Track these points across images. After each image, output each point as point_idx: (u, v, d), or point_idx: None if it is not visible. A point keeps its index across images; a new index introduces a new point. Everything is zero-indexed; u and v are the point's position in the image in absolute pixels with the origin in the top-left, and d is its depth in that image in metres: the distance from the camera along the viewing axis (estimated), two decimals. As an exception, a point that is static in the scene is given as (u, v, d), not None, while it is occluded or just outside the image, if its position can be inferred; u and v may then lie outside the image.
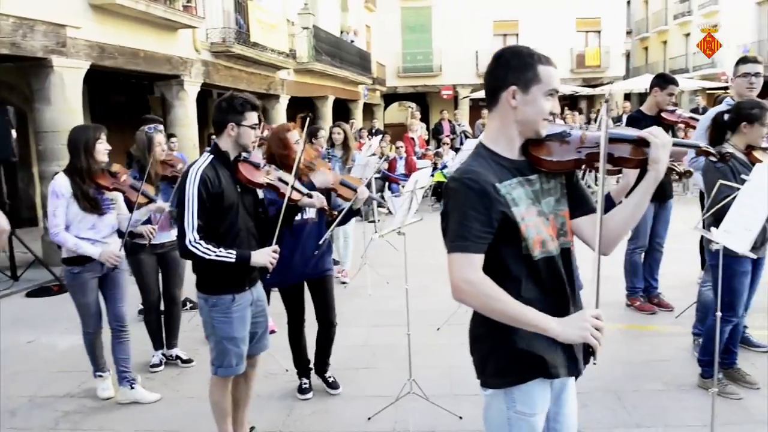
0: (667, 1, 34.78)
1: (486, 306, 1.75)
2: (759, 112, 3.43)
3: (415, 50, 28.61)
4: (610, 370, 4.11)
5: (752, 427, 3.36)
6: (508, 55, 1.81)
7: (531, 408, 1.85)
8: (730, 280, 3.49)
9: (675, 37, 34.18)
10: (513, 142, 1.84)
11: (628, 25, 37.01)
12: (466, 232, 1.72)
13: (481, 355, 1.90)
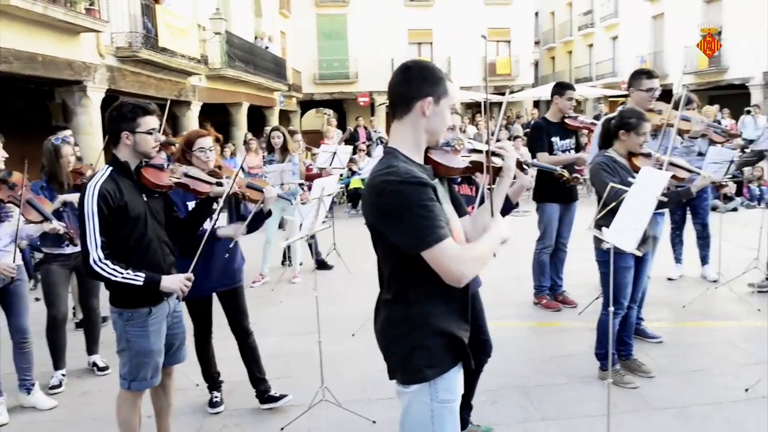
0: (571, 13, 36.55)
1: (484, 262, 1.89)
2: (636, 121, 3.67)
3: (331, 57, 28.63)
4: (518, 366, 4.28)
5: (648, 414, 3.57)
6: (421, 69, 1.94)
7: (453, 394, 1.96)
8: (615, 276, 3.72)
9: (579, 48, 35.95)
10: (420, 149, 1.98)
11: (536, 36, 38.58)
12: (434, 221, 1.78)
13: (404, 350, 1.93)
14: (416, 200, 1.77)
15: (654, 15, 28.61)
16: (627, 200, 2.69)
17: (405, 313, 1.92)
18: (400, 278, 1.93)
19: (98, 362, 4.61)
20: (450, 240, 1.80)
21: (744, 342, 4.56)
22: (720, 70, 23.91)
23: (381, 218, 1.85)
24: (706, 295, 5.56)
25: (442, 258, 1.78)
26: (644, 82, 4.52)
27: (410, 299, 1.92)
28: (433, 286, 1.87)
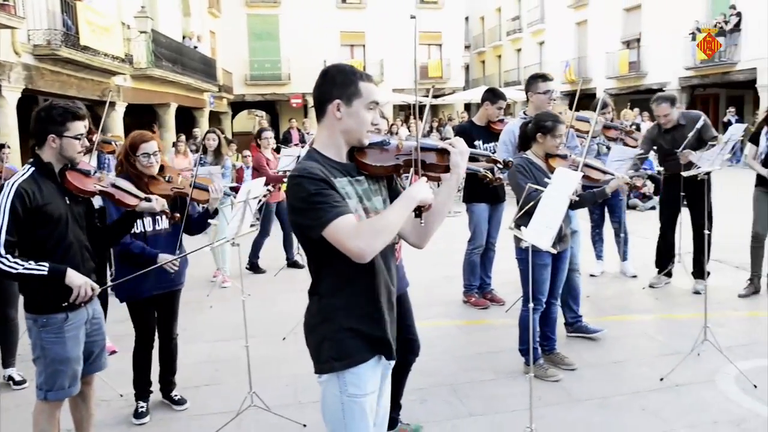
0: (500, 18, 37.48)
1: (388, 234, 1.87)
2: (552, 124, 3.82)
3: (262, 58, 28.28)
4: (446, 364, 4.35)
5: (570, 405, 3.70)
6: (334, 72, 2.00)
7: (362, 389, 2.00)
8: (533, 273, 3.85)
9: (508, 52, 36.91)
10: (341, 149, 2.04)
11: (466, 40, 39.34)
12: (331, 201, 1.86)
13: (316, 341, 2.02)
14: (310, 190, 1.85)
15: (578, 22, 29.72)
16: (543, 200, 2.79)
17: (317, 306, 2.02)
18: (315, 271, 2.02)
19: (14, 376, 4.38)
20: (347, 217, 1.84)
21: (659, 334, 4.80)
22: (639, 75, 25.07)
23: (292, 212, 1.94)
24: (624, 290, 5.83)
25: (338, 234, 1.83)
26: (540, 85, 4.71)
27: (321, 292, 2.02)
28: (339, 281, 1.97)
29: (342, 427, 2.00)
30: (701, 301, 4.34)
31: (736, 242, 6.02)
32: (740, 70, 20.25)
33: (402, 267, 3.09)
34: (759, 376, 3.97)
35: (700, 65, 21.68)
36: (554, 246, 3.87)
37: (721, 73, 21.12)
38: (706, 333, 4.19)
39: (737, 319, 5.14)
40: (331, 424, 2.05)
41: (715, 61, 21.01)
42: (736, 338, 4.63)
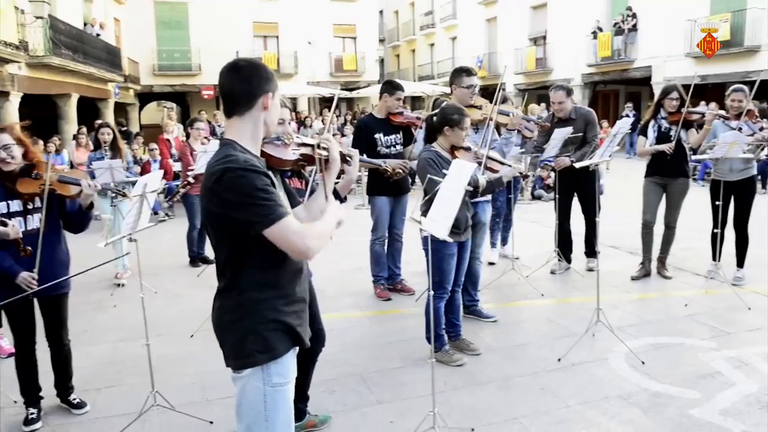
0: (414, 13, 37.93)
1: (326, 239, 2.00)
2: (458, 117, 3.93)
3: (171, 47, 27.28)
4: (356, 355, 4.39)
5: (474, 389, 3.83)
6: (255, 66, 2.05)
7: (286, 378, 2.06)
8: (440, 262, 3.98)
9: (422, 47, 37.44)
10: (257, 142, 2.09)
11: (381, 34, 39.58)
12: (276, 199, 1.90)
13: (238, 336, 2.02)
14: (257, 185, 1.87)
15: (488, 18, 30.55)
16: (441, 191, 2.87)
17: (238, 300, 2.01)
18: (235, 266, 2.00)
19: None
20: (292, 217, 1.93)
21: (558, 317, 5.05)
22: (546, 71, 26.10)
23: (222, 204, 1.90)
24: (529, 278, 6.08)
25: (287, 233, 1.88)
26: (464, 79, 4.83)
27: (243, 286, 2.01)
28: (265, 274, 2.00)
29: (262, 418, 2.02)
30: (595, 285, 4.60)
31: (630, 229, 6.41)
32: (637, 67, 21.52)
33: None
34: (647, 353, 4.27)
35: (600, 63, 22.86)
36: (460, 235, 4.03)
37: (620, 71, 22.36)
38: (599, 315, 4.45)
39: (629, 300, 5.49)
40: (247, 419, 2.04)
41: (614, 59, 22.22)
42: (628, 319, 4.95)
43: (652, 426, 3.33)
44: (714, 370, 4.00)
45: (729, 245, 5.92)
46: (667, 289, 5.76)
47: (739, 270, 5.85)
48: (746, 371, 3.97)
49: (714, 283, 5.66)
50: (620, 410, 3.51)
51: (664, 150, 5.59)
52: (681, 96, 5.71)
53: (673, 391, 3.72)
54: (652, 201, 5.94)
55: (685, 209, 5.97)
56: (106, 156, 6.44)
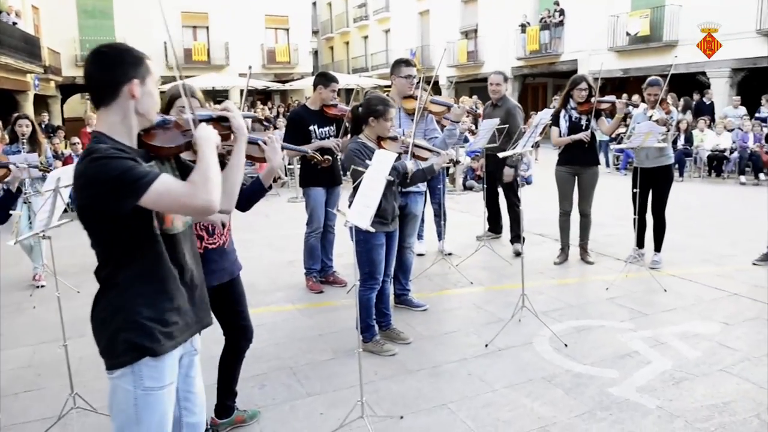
0: (347, 5, 37.78)
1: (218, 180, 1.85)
2: (383, 108, 3.95)
3: (94, 38, 26.05)
4: (287, 348, 4.36)
5: (404, 377, 3.87)
6: (119, 52, 1.91)
7: (160, 381, 1.93)
8: (369, 253, 4.00)
9: (356, 39, 37.36)
10: (132, 133, 1.94)
11: (314, 25, 39.25)
12: (141, 170, 1.76)
13: (109, 335, 1.91)
14: (121, 167, 1.74)
15: (420, 11, 30.79)
16: (364, 181, 2.88)
17: (109, 298, 1.92)
18: (108, 262, 1.92)
19: None
20: (168, 176, 1.81)
21: (486, 304, 5.17)
22: (477, 64, 26.55)
23: (90, 196, 1.79)
24: (459, 266, 6.19)
25: (170, 192, 1.77)
26: (403, 69, 4.89)
27: (115, 284, 1.91)
28: (139, 270, 1.89)
29: (134, 422, 1.92)
30: (524, 272, 4.72)
31: (556, 218, 6.58)
32: (564, 61, 22.19)
33: (233, 251, 3.04)
34: (570, 336, 4.43)
35: (529, 56, 23.44)
36: (387, 225, 4.05)
37: (547, 64, 23.00)
38: (524, 301, 4.58)
39: (553, 286, 5.67)
40: (118, 420, 1.95)
41: (541, 53, 22.83)
42: (552, 303, 5.12)
43: (574, 405, 3.46)
44: (631, 349, 4.19)
45: (650, 231, 6.21)
46: (590, 274, 5.99)
47: (657, 254, 6.15)
48: (661, 350, 4.17)
49: (633, 267, 5.92)
50: (544, 391, 3.63)
51: (581, 139, 5.83)
52: (589, 86, 5.96)
53: (593, 371, 3.88)
54: (567, 190, 6.19)
55: (609, 197, 6.24)
56: (23, 150, 6.12)
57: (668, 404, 3.45)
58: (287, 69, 30.39)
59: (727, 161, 13.20)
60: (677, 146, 13.49)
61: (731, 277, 5.77)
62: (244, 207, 2.96)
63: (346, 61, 37.85)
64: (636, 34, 19.14)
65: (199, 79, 22.60)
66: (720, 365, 3.93)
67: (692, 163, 13.69)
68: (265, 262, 6.64)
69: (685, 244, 6.97)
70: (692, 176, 13.57)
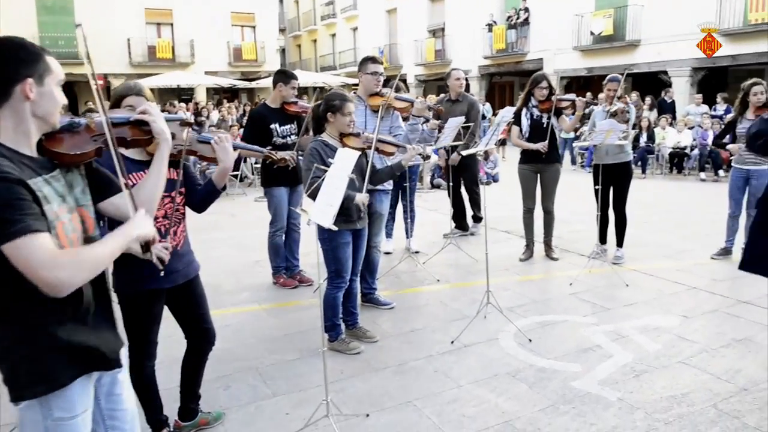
0: (315, 2, 37.60)
1: (94, 270, 1.69)
2: (339, 103, 3.92)
3: (55, 34, 25.52)
4: (253, 348, 4.32)
5: (370, 375, 3.87)
6: (13, 47, 1.72)
7: (71, 411, 1.79)
8: (336, 251, 3.99)
9: (323, 37, 37.21)
10: (30, 137, 1.76)
11: (281, 23, 38.96)
12: (19, 213, 1.56)
13: (10, 365, 1.75)
14: (5, 197, 1.56)
15: (388, 10, 30.80)
16: (326, 179, 2.87)
17: (9, 327, 1.73)
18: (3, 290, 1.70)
19: None
20: (43, 237, 1.59)
21: (453, 302, 5.20)
22: (445, 62, 26.65)
23: None
24: (425, 264, 6.22)
25: (29, 256, 1.55)
26: (370, 66, 4.88)
27: (14, 312, 1.72)
28: (38, 298, 1.64)
29: None
30: (490, 268, 4.76)
31: (521, 215, 6.65)
32: (530, 60, 22.43)
33: (188, 252, 2.99)
34: (534, 331, 4.48)
35: (496, 55, 23.65)
36: (354, 223, 4.04)
37: (514, 63, 23.24)
38: (488, 297, 4.63)
39: (518, 282, 5.74)
40: None
41: (508, 52, 23.05)
42: (517, 299, 5.18)
43: (537, 399, 3.50)
44: (594, 343, 4.26)
45: (613, 227, 6.33)
46: (554, 270, 6.08)
47: (619, 249, 6.27)
48: (622, 343, 4.26)
49: (596, 263, 6.02)
50: (508, 386, 3.67)
51: (538, 149, 5.92)
52: (550, 85, 6.04)
53: (557, 365, 3.93)
54: (530, 187, 6.28)
55: (573, 194, 6.34)
56: None
57: (629, 396, 3.52)
58: (254, 67, 30.14)
59: (688, 158, 13.51)
60: (640, 143, 13.77)
61: (690, 271, 5.91)
62: (199, 208, 2.93)
63: (314, 59, 37.68)
64: (600, 33, 19.46)
65: (163, 77, 22.29)
66: (679, 357, 4.02)
67: (654, 160, 13.97)
68: (231, 262, 6.57)
69: (647, 240, 7.12)
70: (654, 173, 13.85)
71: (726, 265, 6.11)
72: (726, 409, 3.35)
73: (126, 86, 2.72)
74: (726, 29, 16.08)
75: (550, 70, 21.27)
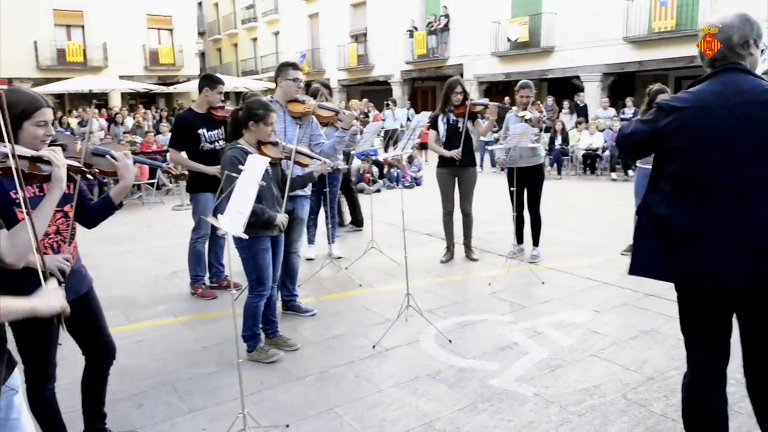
0: (235, 6, 36.94)
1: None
2: (263, 113, 3.86)
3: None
4: (168, 363, 4.17)
5: (291, 384, 3.80)
6: None
7: None
8: (255, 258, 3.92)
9: (244, 41, 36.60)
10: None
11: (200, 26, 38.07)
12: None
13: None
14: None
15: (310, 14, 30.66)
16: (237, 187, 2.81)
17: None
18: None
19: None
20: None
21: (375, 306, 5.20)
22: (367, 67, 26.79)
23: None
24: (347, 270, 6.21)
25: None
26: (290, 72, 4.80)
27: None
28: None
29: None
30: (410, 272, 4.80)
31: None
32: (450, 65, 22.85)
33: (81, 268, 2.84)
34: (454, 331, 4.55)
35: (417, 60, 23.97)
36: (271, 230, 3.97)
37: (435, 68, 23.61)
38: (408, 300, 4.66)
39: (439, 284, 5.81)
40: None
41: (429, 57, 23.41)
42: (438, 301, 5.24)
43: (457, 399, 3.55)
44: (512, 341, 4.37)
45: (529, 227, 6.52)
46: (474, 271, 6.20)
47: (535, 248, 6.47)
48: (538, 339, 4.38)
49: (514, 262, 6.19)
50: (428, 388, 3.70)
51: (452, 156, 6.03)
52: (464, 90, 6.17)
53: (476, 364, 4.00)
54: (448, 191, 6.39)
55: (492, 195, 6.48)
56: None
57: (544, 391, 3.62)
58: (172, 71, 29.28)
59: (600, 159, 14.15)
60: (555, 146, 14.30)
61: (602, 267, 6.17)
62: (89, 224, 2.81)
63: (235, 64, 36.99)
64: (516, 40, 20.07)
65: (74, 81, 21.28)
66: (591, 351, 4.18)
67: (569, 161, 14.54)
68: (147, 274, 6.33)
69: (563, 239, 7.38)
70: (569, 174, 14.41)
71: (634, 260, 6.41)
72: (634, 399, 3.51)
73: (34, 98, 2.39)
74: (632, 37, 16.96)
75: (470, 75, 21.79)
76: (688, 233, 2.39)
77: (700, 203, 2.37)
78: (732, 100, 2.34)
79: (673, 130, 2.41)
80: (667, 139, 2.44)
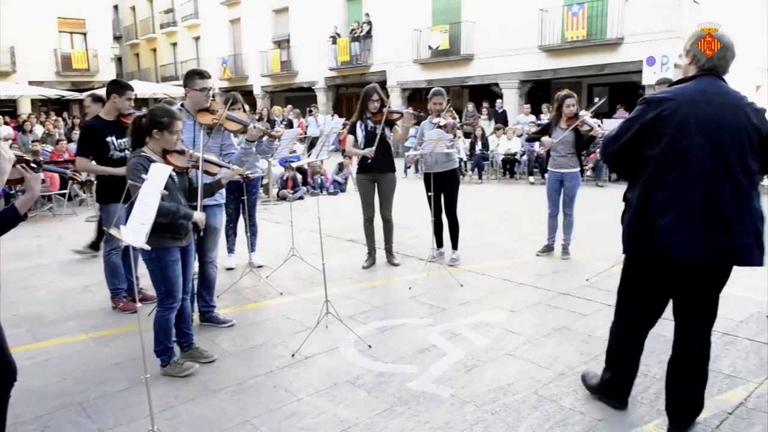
0: (153, 10, 35.88)
1: None
2: (168, 121, 3.76)
3: None
4: (77, 382, 3.99)
5: (207, 398, 3.72)
6: None
7: None
8: (164, 270, 3.81)
9: (164, 46, 35.59)
10: None
11: (116, 30, 36.77)
12: None
13: None
14: None
15: (231, 20, 30.17)
16: (139, 197, 2.74)
17: None
18: None
19: None
20: None
21: (295, 314, 5.16)
22: (291, 74, 26.64)
23: None
24: (266, 279, 6.14)
25: None
26: (197, 82, 4.65)
27: None
28: None
29: None
30: (331, 278, 4.79)
31: (364, 223, 6.81)
32: (373, 72, 23.05)
33: None
34: (374, 336, 4.58)
35: (341, 66, 24.03)
36: (181, 240, 3.87)
37: (359, 74, 23.74)
38: (327, 307, 4.66)
39: (360, 289, 5.84)
40: None
41: (352, 64, 23.52)
42: (359, 307, 5.26)
43: (375, 404, 3.57)
44: (430, 344, 4.44)
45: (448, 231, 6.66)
46: (395, 276, 6.27)
47: (455, 252, 6.61)
48: (456, 341, 4.48)
49: (434, 266, 6.30)
50: (347, 394, 3.71)
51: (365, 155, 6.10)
52: (381, 97, 6.27)
53: (395, 369, 4.05)
54: (369, 197, 6.44)
55: (413, 200, 6.57)
56: None
57: (460, 391, 3.70)
58: (86, 77, 28.10)
59: (519, 164, 14.62)
60: (476, 151, 14.67)
61: (519, 268, 6.38)
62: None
63: (154, 69, 35.90)
64: (437, 47, 20.47)
65: (-23, 87, 20.07)
66: (506, 350, 4.31)
67: (489, 166, 14.94)
68: (56, 289, 6.04)
69: (482, 241, 7.58)
70: (489, 178, 14.81)
71: (549, 260, 6.68)
72: (545, 395, 3.65)
73: None
74: (546, 45, 17.64)
75: (393, 82, 22.04)
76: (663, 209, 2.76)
77: (675, 183, 2.75)
78: (715, 99, 2.79)
79: (661, 119, 2.77)
80: (654, 127, 2.80)
